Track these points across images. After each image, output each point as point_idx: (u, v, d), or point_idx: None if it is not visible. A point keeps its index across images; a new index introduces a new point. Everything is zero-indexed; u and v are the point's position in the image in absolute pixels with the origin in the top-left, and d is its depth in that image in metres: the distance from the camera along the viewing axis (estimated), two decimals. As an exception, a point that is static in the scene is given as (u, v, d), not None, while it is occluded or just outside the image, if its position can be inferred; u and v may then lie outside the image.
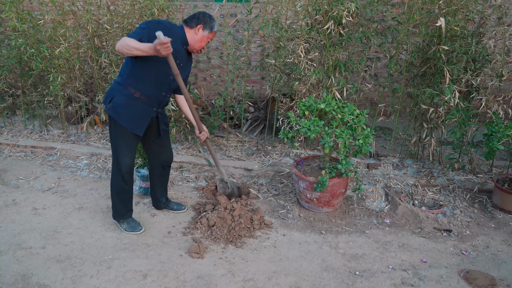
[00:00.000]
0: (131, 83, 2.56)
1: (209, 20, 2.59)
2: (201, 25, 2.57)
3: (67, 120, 4.98)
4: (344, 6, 3.36)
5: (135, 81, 2.55)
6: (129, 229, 2.86)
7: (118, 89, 2.59)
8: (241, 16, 4.85)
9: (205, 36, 2.61)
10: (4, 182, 3.67)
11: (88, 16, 4.27)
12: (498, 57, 3.34)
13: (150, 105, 2.64)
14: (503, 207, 3.17)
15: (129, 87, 2.56)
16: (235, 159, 4.07)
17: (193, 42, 2.61)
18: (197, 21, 2.57)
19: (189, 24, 2.58)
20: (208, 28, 2.59)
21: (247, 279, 2.41)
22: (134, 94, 2.56)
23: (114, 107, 2.60)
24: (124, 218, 2.89)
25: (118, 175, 2.74)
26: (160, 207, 3.19)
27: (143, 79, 2.54)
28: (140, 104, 2.60)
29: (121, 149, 2.67)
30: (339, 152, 2.87)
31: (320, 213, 3.15)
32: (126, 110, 2.58)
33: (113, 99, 2.60)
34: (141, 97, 2.58)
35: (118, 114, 2.59)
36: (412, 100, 3.74)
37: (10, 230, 2.90)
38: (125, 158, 2.69)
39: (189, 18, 2.60)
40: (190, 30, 2.59)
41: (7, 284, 2.35)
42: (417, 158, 4.00)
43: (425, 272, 2.49)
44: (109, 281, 2.39)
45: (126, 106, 2.58)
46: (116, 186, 2.79)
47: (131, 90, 2.56)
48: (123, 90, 2.57)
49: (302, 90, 3.77)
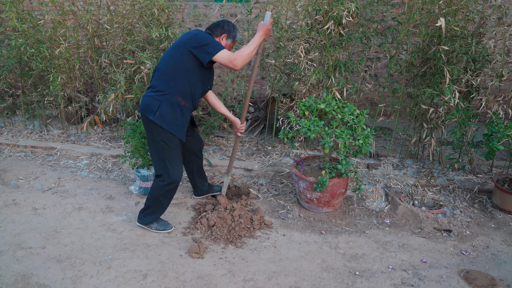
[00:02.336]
0: (180, 92, 2.62)
1: (233, 29, 2.73)
2: (225, 34, 2.70)
3: (67, 120, 4.98)
4: (344, 6, 3.36)
5: (183, 91, 2.63)
6: (161, 227, 2.87)
7: (163, 99, 2.61)
8: (241, 16, 4.85)
9: (228, 44, 2.73)
10: (4, 182, 3.67)
11: (88, 16, 4.27)
12: (498, 57, 3.34)
13: (190, 110, 2.74)
14: (503, 207, 3.17)
15: (177, 96, 2.62)
16: (235, 159, 4.06)
17: None
18: (221, 30, 2.69)
19: (215, 32, 2.70)
20: (231, 37, 2.73)
21: (247, 279, 2.41)
22: (181, 102, 2.64)
23: (162, 116, 2.61)
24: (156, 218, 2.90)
25: (167, 187, 2.72)
26: (203, 193, 3.30)
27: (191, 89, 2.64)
28: (184, 110, 2.68)
29: (173, 159, 2.68)
30: (339, 152, 2.87)
31: (320, 213, 3.15)
32: (173, 118, 2.63)
33: (160, 108, 2.60)
34: (186, 105, 2.67)
35: (166, 122, 2.61)
36: (412, 100, 3.74)
37: (10, 230, 2.90)
38: (179, 167, 2.73)
39: (213, 26, 2.70)
40: (216, 39, 2.68)
41: (7, 284, 2.35)
42: (417, 158, 4.00)
43: (425, 272, 2.49)
44: (109, 281, 2.39)
45: (173, 114, 2.63)
46: (164, 194, 2.76)
47: (178, 99, 2.62)
48: (170, 98, 2.61)
49: (302, 90, 3.77)
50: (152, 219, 2.87)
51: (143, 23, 4.02)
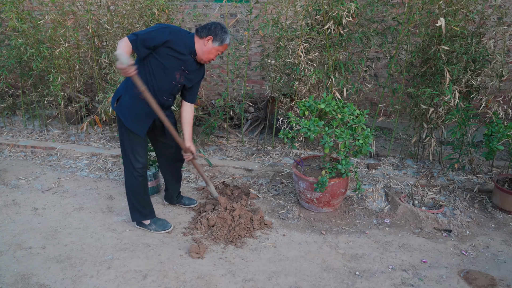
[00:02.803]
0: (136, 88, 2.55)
1: (221, 32, 2.51)
2: (211, 36, 2.50)
3: (67, 120, 4.98)
4: (344, 6, 3.35)
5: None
6: (159, 228, 2.86)
7: (125, 88, 2.61)
8: (241, 16, 4.85)
9: (214, 48, 2.54)
10: (4, 182, 3.67)
11: (88, 16, 4.27)
12: (498, 57, 3.34)
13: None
14: (503, 207, 3.17)
15: (135, 88, 2.53)
16: (235, 159, 4.07)
17: (201, 52, 2.56)
18: (207, 32, 2.51)
19: (200, 34, 2.53)
20: (218, 40, 2.52)
21: (247, 279, 2.41)
22: (139, 95, 2.53)
23: (120, 107, 2.61)
24: (149, 218, 2.88)
25: (132, 176, 2.73)
26: (173, 203, 3.24)
27: (147, 82, 2.52)
28: (144, 105, 2.57)
29: (133, 148, 2.67)
30: (339, 152, 2.87)
31: (320, 213, 3.15)
32: (130, 111, 2.59)
33: (120, 98, 2.61)
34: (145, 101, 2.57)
35: (123, 114, 2.60)
36: (412, 100, 3.74)
37: (10, 230, 2.90)
38: (140, 157, 2.70)
39: (200, 28, 2.54)
40: (200, 40, 2.54)
41: (7, 284, 2.35)
42: (417, 158, 4.00)
43: (425, 272, 2.49)
44: (109, 281, 2.39)
45: (131, 107, 2.59)
46: (132, 187, 2.77)
47: (136, 91, 2.53)
48: (129, 90, 2.57)
49: (302, 90, 3.77)
50: (138, 216, 2.86)
51: (143, 23, 4.02)
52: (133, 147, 2.68)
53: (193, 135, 4.43)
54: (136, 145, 2.68)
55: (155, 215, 2.93)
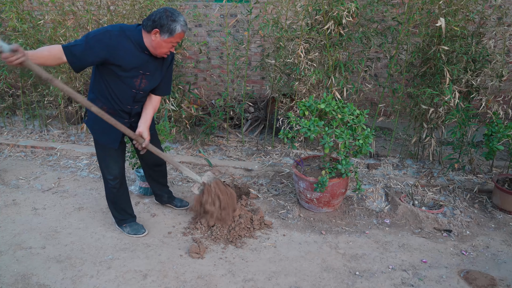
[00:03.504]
0: (97, 97, 2.46)
1: (167, 21, 2.15)
2: (157, 29, 2.18)
3: (67, 120, 4.98)
4: (344, 6, 3.36)
5: (101, 96, 2.44)
6: (132, 231, 2.85)
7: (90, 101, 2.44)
8: (241, 16, 4.85)
9: (164, 41, 2.21)
10: (4, 182, 3.67)
11: (88, 16, 4.27)
12: (498, 57, 3.34)
13: (120, 117, 2.50)
14: (503, 207, 3.17)
15: (97, 101, 2.45)
16: (235, 159, 4.07)
17: (152, 48, 2.28)
18: (152, 24, 2.18)
19: (145, 27, 2.22)
20: (167, 32, 2.18)
21: (247, 279, 2.41)
22: (102, 108, 2.38)
23: (89, 121, 2.60)
24: (126, 222, 2.89)
25: (107, 186, 2.75)
26: (163, 203, 3.23)
27: (106, 93, 2.41)
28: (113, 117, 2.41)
29: (104, 161, 2.66)
30: (339, 152, 2.87)
31: (320, 213, 3.15)
32: (97, 125, 2.53)
33: (87, 112, 2.56)
34: (110, 111, 2.43)
35: (92, 128, 2.59)
36: (412, 100, 3.74)
37: (10, 230, 2.90)
38: (111, 169, 2.68)
39: (145, 20, 2.22)
40: (147, 35, 2.24)
41: (7, 284, 2.35)
42: (417, 158, 4.00)
43: (425, 272, 2.49)
44: (109, 281, 2.39)
45: (97, 121, 2.46)
46: (108, 195, 2.80)
47: (99, 104, 2.42)
48: (94, 102, 2.41)
49: (302, 90, 3.77)
50: (117, 221, 2.89)
51: (143, 23, 4.02)
52: (106, 159, 2.64)
53: (193, 135, 4.44)
54: (108, 158, 2.63)
55: (135, 219, 2.92)
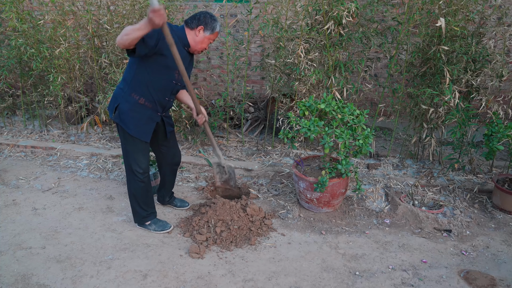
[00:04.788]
0: (135, 89, 2.53)
1: (211, 20, 2.51)
2: (202, 26, 2.50)
3: (67, 120, 4.98)
4: (344, 6, 3.36)
5: (139, 88, 2.52)
6: (158, 228, 2.86)
7: (122, 96, 2.56)
8: (241, 16, 4.85)
9: (206, 37, 2.54)
10: (4, 182, 3.67)
11: (88, 16, 4.27)
12: (498, 57, 3.34)
13: (155, 110, 2.62)
14: (503, 207, 3.17)
15: (133, 94, 2.53)
16: (235, 159, 4.07)
17: (194, 43, 2.55)
18: (197, 22, 2.50)
19: (190, 25, 2.51)
20: (210, 29, 2.52)
21: (247, 279, 2.41)
22: (138, 100, 2.54)
23: (120, 115, 2.58)
24: (149, 219, 2.87)
25: (135, 179, 2.72)
26: (164, 204, 3.24)
27: (147, 85, 2.51)
28: (145, 110, 2.58)
29: (134, 154, 2.66)
30: (339, 152, 2.87)
31: (320, 213, 3.15)
32: (132, 118, 2.57)
33: (118, 106, 2.58)
34: (146, 103, 2.56)
35: (124, 122, 2.58)
36: (412, 100, 3.74)
37: (10, 230, 2.90)
38: (141, 162, 2.69)
39: (189, 19, 2.53)
40: (191, 31, 2.53)
41: (7, 284, 2.35)
42: (417, 158, 4.00)
43: (425, 272, 2.49)
44: (109, 281, 2.39)
45: (132, 114, 2.56)
46: (136, 190, 2.77)
47: (135, 97, 2.53)
48: (127, 97, 2.55)
49: (302, 90, 3.77)
50: (139, 218, 2.87)
51: (143, 23, 4.01)
52: (136, 152, 2.66)
53: (193, 135, 4.44)
54: (139, 151, 2.67)
55: (156, 215, 2.93)
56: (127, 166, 2.72)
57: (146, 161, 2.73)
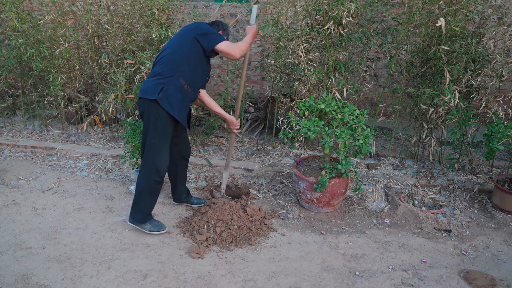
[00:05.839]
0: (183, 76, 2.63)
1: (227, 28, 2.90)
2: (221, 31, 2.84)
3: (67, 120, 4.98)
4: (344, 7, 3.36)
5: (187, 76, 2.65)
6: (154, 228, 2.82)
7: (167, 81, 2.58)
8: (241, 16, 4.85)
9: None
10: (4, 182, 3.67)
11: (88, 16, 4.27)
12: (498, 58, 3.34)
13: (191, 98, 2.76)
14: (503, 207, 3.17)
15: (181, 79, 2.62)
16: (235, 159, 4.07)
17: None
18: (217, 27, 2.84)
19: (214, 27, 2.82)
20: (226, 35, 2.88)
21: (247, 279, 2.41)
22: (184, 86, 2.64)
23: (167, 97, 2.57)
24: (148, 219, 2.84)
25: (154, 175, 2.68)
26: (181, 201, 3.24)
27: (192, 76, 2.68)
28: (188, 97, 2.70)
29: (159, 149, 2.64)
30: (339, 152, 2.87)
31: (320, 213, 3.15)
32: (178, 101, 2.62)
33: (164, 88, 2.57)
34: (188, 90, 2.68)
35: (171, 104, 2.57)
36: (412, 100, 3.74)
37: (10, 230, 2.90)
38: (165, 158, 2.68)
39: (211, 23, 2.84)
40: None
41: (7, 284, 2.35)
42: (417, 158, 4.00)
43: (425, 272, 2.49)
44: (109, 281, 2.39)
45: (179, 97, 2.62)
46: (150, 187, 2.72)
47: (182, 82, 2.62)
48: (174, 81, 2.60)
49: (302, 90, 3.77)
50: (139, 218, 2.80)
51: (143, 23, 4.02)
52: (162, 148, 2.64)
53: (193, 135, 4.44)
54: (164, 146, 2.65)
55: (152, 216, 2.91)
56: (148, 162, 2.66)
57: (168, 159, 2.72)
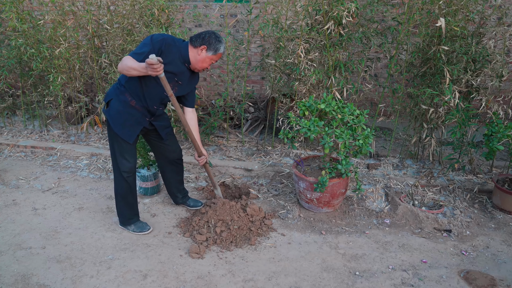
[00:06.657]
0: (129, 90, 2.58)
1: (215, 41, 2.51)
2: (205, 45, 2.50)
3: (67, 120, 4.98)
4: (344, 7, 3.35)
5: (132, 90, 2.57)
6: (137, 229, 2.86)
7: (116, 93, 2.61)
8: (241, 16, 4.85)
9: (208, 57, 2.55)
10: (4, 182, 3.67)
11: (88, 16, 4.27)
12: (498, 58, 3.34)
13: (143, 114, 2.65)
14: (503, 207, 3.17)
15: (126, 94, 2.58)
16: (235, 159, 4.07)
17: (195, 61, 2.56)
18: (201, 41, 2.50)
19: (193, 43, 2.53)
20: (212, 50, 2.52)
21: (247, 279, 2.41)
22: (130, 101, 2.58)
23: (110, 111, 2.62)
24: (132, 222, 2.89)
25: (120, 178, 2.74)
26: (178, 203, 3.24)
27: (138, 92, 2.56)
28: (134, 112, 2.61)
29: (119, 153, 2.68)
30: (339, 152, 2.87)
31: (320, 213, 3.15)
32: (120, 117, 2.60)
33: (111, 102, 2.62)
34: (136, 106, 2.60)
35: (112, 119, 2.61)
36: (412, 100, 3.74)
37: (10, 230, 2.90)
38: (126, 161, 2.70)
39: (194, 37, 2.54)
40: (194, 49, 2.54)
41: (7, 284, 2.35)
42: (417, 158, 4.00)
43: (425, 272, 2.49)
44: (109, 281, 2.39)
45: (121, 113, 2.59)
46: (120, 190, 2.78)
47: (128, 97, 2.58)
48: (120, 95, 2.59)
49: (302, 90, 3.77)
50: (123, 220, 2.88)
51: (143, 23, 4.02)
52: (121, 151, 2.68)
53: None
54: (123, 151, 2.68)
55: (138, 218, 2.93)
56: (114, 165, 2.74)
57: (133, 161, 2.74)
